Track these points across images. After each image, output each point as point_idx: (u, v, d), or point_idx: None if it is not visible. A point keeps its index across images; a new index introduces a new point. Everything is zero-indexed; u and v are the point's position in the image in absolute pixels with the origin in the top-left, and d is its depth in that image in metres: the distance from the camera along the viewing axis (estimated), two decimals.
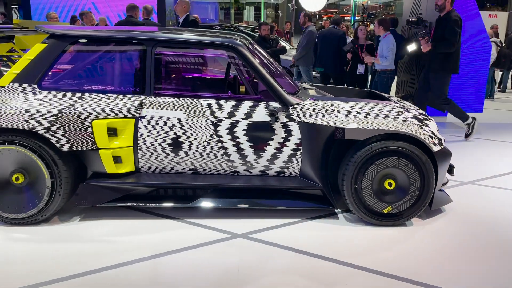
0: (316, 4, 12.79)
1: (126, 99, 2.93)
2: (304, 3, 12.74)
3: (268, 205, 3.07)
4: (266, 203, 3.07)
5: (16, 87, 2.91)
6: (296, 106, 2.99)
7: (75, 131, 2.81)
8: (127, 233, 2.83)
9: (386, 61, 5.77)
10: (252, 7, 28.74)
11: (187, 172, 3.06)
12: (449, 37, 5.07)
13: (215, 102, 2.98)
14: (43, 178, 2.80)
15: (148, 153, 2.97)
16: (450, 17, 5.12)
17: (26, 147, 2.75)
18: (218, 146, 2.97)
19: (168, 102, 2.95)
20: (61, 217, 2.99)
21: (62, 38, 2.95)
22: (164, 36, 3.02)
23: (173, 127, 2.94)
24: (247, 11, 29.02)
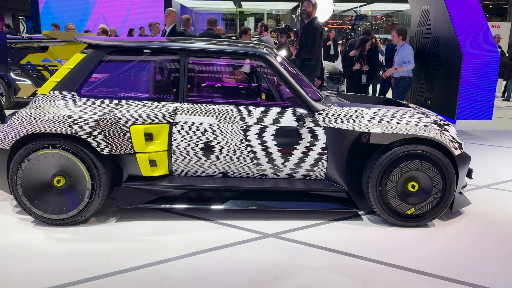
0: (322, 15, 13.03)
1: (161, 106, 3.09)
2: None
3: (295, 207, 3.20)
4: (293, 205, 3.20)
5: (57, 94, 3.08)
6: (322, 112, 3.15)
7: (114, 136, 2.96)
8: (163, 233, 2.96)
9: (410, 66, 6.02)
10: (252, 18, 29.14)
11: (217, 175, 3.20)
12: (309, 44, 5.32)
13: (245, 108, 3.14)
14: (83, 181, 2.95)
15: (181, 157, 3.12)
16: (312, 25, 5.42)
17: (68, 151, 2.91)
18: (248, 150, 3.12)
19: (200, 109, 3.11)
20: (98, 218, 3.13)
21: (101, 48, 3.13)
22: (197, 46, 3.19)
23: (205, 132, 3.09)
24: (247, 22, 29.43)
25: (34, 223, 3.03)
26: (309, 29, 5.45)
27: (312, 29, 5.37)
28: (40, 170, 2.93)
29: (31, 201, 2.95)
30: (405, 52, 6.07)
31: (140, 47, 3.21)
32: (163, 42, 3.24)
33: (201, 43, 3.27)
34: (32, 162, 2.91)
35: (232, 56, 3.27)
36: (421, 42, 7.28)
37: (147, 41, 3.30)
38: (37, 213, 2.96)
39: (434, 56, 6.72)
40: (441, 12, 6.59)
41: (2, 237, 2.84)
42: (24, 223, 3.04)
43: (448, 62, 6.33)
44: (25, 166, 2.90)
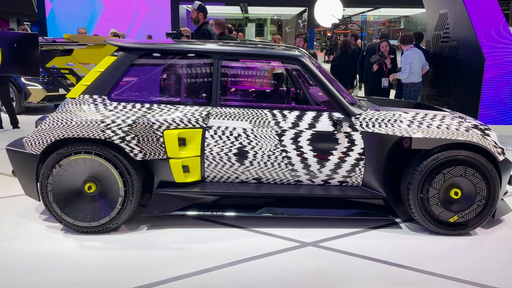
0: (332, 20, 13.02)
1: (194, 110, 3.01)
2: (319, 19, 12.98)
3: (330, 214, 3.10)
4: (329, 212, 3.11)
5: (87, 98, 3.00)
6: (359, 116, 3.06)
7: (148, 141, 2.88)
8: (197, 241, 2.87)
9: (402, 75, 6.01)
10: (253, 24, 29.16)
11: (251, 181, 3.11)
12: None
13: (279, 113, 3.05)
14: (116, 187, 2.86)
15: (214, 163, 3.03)
16: (199, 30, 5.44)
17: (101, 157, 2.82)
18: (282, 155, 3.03)
19: (234, 113, 3.02)
20: (129, 226, 3.04)
21: (132, 51, 3.06)
22: (231, 49, 3.11)
23: (238, 137, 3.01)
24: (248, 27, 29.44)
25: (63, 231, 2.94)
26: (197, 35, 5.48)
27: (200, 35, 5.40)
28: (71, 176, 2.84)
29: (62, 208, 2.86)
30: (403, 60, 6.06)
31: (173, 49, 3.13)
32: (196, 45, 3.17)
33: (235, 45, 3.19)
34: (64, 168, 2.82)
35: (266, 59, 3.20)
36: (438, 47, 7.21)
37: (180, 43, 3.22)
38: (67, 220, 2.87)
39: (453, 61, 6.64)
40: (460, 16, 6.52)
41: (32, 246, 2.75)
42: (53, 230, 2.95)
43: (469, 67, 6.25)
44: (56, 172, 2.82)
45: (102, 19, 15.68)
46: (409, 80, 6.05)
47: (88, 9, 15.91)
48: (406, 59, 5.92)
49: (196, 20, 5.43)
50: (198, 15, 5.40)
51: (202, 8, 5.45)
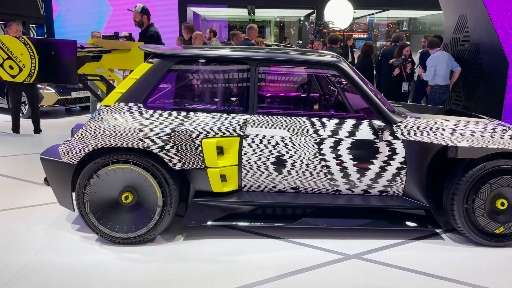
0: (343, 22, 12.95)
1: (231, 118, 2.95)
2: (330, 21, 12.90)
3: (370, 225, 3.03)
4: (368, 223, 3.03)
5: (122, 106, 2.94)
6: (400, 124, 2.99)
7: (187, 150, 2.81)
8: (237, 253, 2.80)
9: (426, 77, 6.04)
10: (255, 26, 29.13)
11: (288, 191, 3.04)
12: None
13: (318, 120, 2.99)
14: (154, 197, 2.80)
15: (252, 172, 2.96)
16: (146, 33, 5.46)
17: (139, 166, 2.76)
18: (321, 164, 2.96)
19: (272, 121, 2.96)
20: (164, 237, 2.97)
21: (168, 57, 3.00)
22: (268, 55, 3.05)
23: (276, 145, 2.94)
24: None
25: (99, 242, 2.87)
26: (143, 37, 5.48)
27: (148, 38, 5.41)
28: (108, 186, 2.78)
29: (99, 219, 2.79)
30: (428, 62, 6.11)
31: (209, 56, 3.07)
32: (233, 51, 3.10)
33: (272, 52, 3.13)
34: (101, 178, 2.76)
35: (304, 65, 3.13)
36: (457, 50, 7.13)
37: (216, 50, 3.16)
38: (104, 231, 2.81)
39: (474, 64, 6.56)
40: (481, 18, 6.45)
41: (70, 258, 2.68)
42: (88, 241, 2.88)
43: (491, 71, 6.17)
44: (93, 182, 2.75)
45: (111, 21, 15.65)
46: (435, 82, 6.06)
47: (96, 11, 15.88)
48: (432, 62, 5.96)
49: (141, 23, 5.49)
50: (142, 18, 5.46)
51: (145, 11, 5.52)
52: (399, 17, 18.91)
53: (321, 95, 3.52)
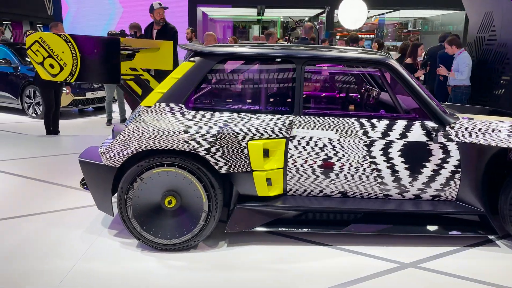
0: (355, 22, 12.81)
1: (276, 119, 2.82)
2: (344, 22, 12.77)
3: (423, 232, 2.88)
4: (420, 229, 2.89)
5: (163, 106, 2.82)
6: (454, 126, 2.85)
7: (233, 153, 2.69)
8: (286, 261, 2.66)
9: (462, 76, 5.88)
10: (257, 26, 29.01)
11: (335, 195, 2.91)
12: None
13: (367, 121, 2.86)
14: (199, 202, 2.67)
15: (298, 175, 2.84)
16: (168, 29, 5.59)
17: (184, 169, 2.64)
18: (371, 168, 2.83)
19: (319, 122, 2.83)
20: (207, 242, 2.84)
21: (210, 56, 2.87)
22: (314, 53, 2.92)
23: (324, 147, 2.81)
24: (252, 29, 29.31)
25: (140, 248, 2.75)
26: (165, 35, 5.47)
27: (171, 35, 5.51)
28: (151, 190, 2.66)
29: (141, 224, 2.67)
30: (462, 62, 5.95)
31: (254, 54, 2.94)
32: (277, 50, 2.98)
33: (319, 50, 3.00)
34: (145, 182, 2.64)
35: (352, 64, 3.00)
36: (482, 50, 6.97)
37: (261, 48, 3.04)
38: (147, 237, 2.69)
39: (501, 64, 6.39)
40: (509, 17, 6.29)
41: (113, 266, 2.56)
42: (129, 248, 2.76)
43: None
44: (136, 186, 2.63)
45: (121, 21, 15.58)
46: (463, 82, 5.93)
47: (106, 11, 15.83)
48: (466, 61, 5.83)
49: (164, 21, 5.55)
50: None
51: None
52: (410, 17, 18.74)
53: (368, 94, 3.39)
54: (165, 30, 5.64)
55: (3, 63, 8.28)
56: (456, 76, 5.94)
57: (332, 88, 3.65)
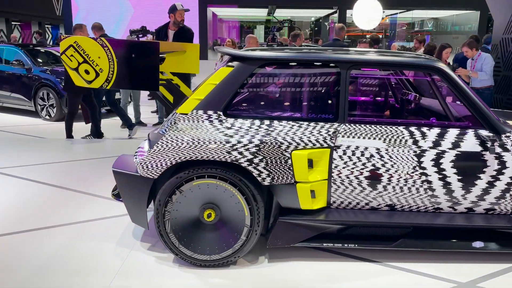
0: (370, 22, 12.61)
1: (319, 127, 2.66)
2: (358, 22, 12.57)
3: (477, 248, 2.71)
4: (473, 245, 2.72)
5: (201, 114, 2.66)
6: (510, 134, 2.68)
7: (276, 163, 2.53)
8: (334, 279, 2.50)
9: (485, 76, 5.71)
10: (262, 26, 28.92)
11: (382, 209, 2.74)
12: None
13: (417, 130, 2.69)
14: (240, 216, 2.52)
15: (343, 187, 2.67)
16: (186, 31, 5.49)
17: (226, 181, 2.49)
18: (422, 179, 2.65)
19: (365, 130, 2.66)
20: (247, 258, 2.68)
21: (250, 61, 2.72)
22: (361, 57, 2.75)
23: (371, 158, 2.65)
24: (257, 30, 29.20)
25: (177, 264, 2.60)
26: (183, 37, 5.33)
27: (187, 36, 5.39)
28: (191, 203, 2.51)
29: (180, 239, 2.52)
30: (486, 62, 5.78)
31: (296, 58, 2.79)
32: (321, 53, 2.82)
33: (365, 53, 2.84)
34: (184, 194, 2.49)
35: (400, 68, 2.83)
36: (508, 51, 6.76)
37: (303, 52, 2.88)
38: (185, 253, 2.53)
39: None
40: None
41: (150, 283, 2.41)
42: (166, 263, 2.61)
43: None
44: (176, 199, 2.48)
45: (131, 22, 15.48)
46: (488, 83, 5.76)
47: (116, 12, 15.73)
48: (490, 61, 5.67)
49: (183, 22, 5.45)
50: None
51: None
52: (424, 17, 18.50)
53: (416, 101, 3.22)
54: (182, 32, 5.47)
55: (16, 64, 8.17)
56: (479, 76, 5.75)
57: (377, 93, 3.47)
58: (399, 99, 3.40)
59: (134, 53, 2.46)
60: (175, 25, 5.50)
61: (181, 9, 5.26)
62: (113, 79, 2.53)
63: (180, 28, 5.49)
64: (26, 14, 23.37)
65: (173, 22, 5.50)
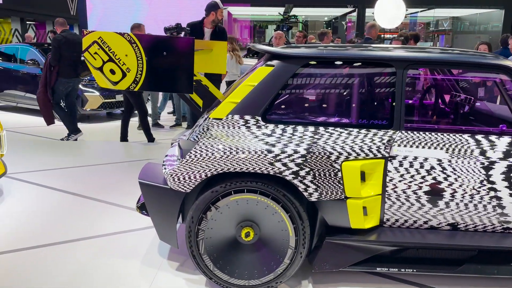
0: (392, 21, 12.19)
1: (371, 135, 2.33)
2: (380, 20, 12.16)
3: None
4: None
5: (237, 119, 2.37)
6: None
7: (325, 176, 2.21)
8: None
9: None
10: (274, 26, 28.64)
11: (443, 228, 2.41)
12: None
13: (485, 139, 2.35)
14: (284, 236, 2.21)
15: (398, 203, 2.35)
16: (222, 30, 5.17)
17: (267, 196, 2.19)
18: (490, 195, 2.31)
19: (424, 138, 2.33)
20: (288, 282, 2.36)
21: (293, 59, 2.40)
22: (419, 55, 2.42)
23: (431, 170, 2.31)
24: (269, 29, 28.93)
25: (208, 287, 2.32)
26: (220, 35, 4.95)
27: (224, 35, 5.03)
28: (227, 220, 2.21)
29: (215, 261, 2.23)
30: None
31: (344, 57, 2.47)
32: (374, 51, 2.49)
33: (424, 51, 2.50)
34: (220, 211, 2.20)
35: (465, 68, 2.50)
36: None
37: (353, 49, 2.57)
38: (221, 277, 2.24)
39: None
40: None
41: None
42: (198, 286, 2.32)
43: None
44: (211, 216, 2.19)
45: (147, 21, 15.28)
46: None
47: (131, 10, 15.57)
48: None
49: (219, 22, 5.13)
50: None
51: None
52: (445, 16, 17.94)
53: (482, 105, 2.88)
54: (220, 32, 5.06)
55: (31, 64, 8.01)
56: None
57: (437, 96, 3.12)
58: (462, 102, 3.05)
59: (166, 51, 2.18)
60: (213, 23, 5.06)
61: (222, 7, 4.91)
62: (141, 80, 2.23)
63: (216, 27, 5.09)
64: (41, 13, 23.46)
65: (213, 20, 5.06)
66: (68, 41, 5.62)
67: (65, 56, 5.59)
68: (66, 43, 5.60)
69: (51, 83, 5.64)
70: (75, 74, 5.79)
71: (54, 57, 5.54)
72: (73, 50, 5.66)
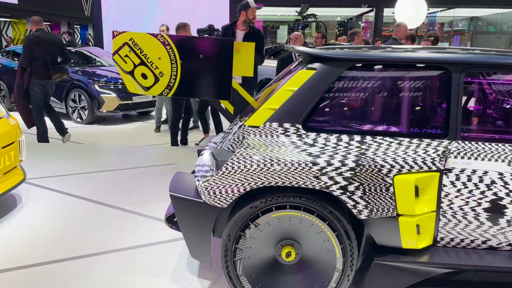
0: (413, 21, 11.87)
1: (424, 145, 2.12)
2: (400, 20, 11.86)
3: None
4: None
5: (275, 127, 2.17)
6: None
7: (375, 192, 2.01)
8: None
9: None
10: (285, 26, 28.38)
11: (503, 248, 2.18)
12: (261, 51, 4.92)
13: None
14: (330, 257, 2.01)
15: (454, 221, 2.12)
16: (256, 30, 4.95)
17: (312, 213, 1.99)
18: None
19: (484, 149, 2.10)
20: None
21: (338, 62, 2.20)
22: (479, 58, 2.19)
23: (491, 184, 2.08)
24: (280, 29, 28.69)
25: None
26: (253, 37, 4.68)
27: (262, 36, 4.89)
28: (267, 239, 2.02)
29: (253, 283, 2.03)
30: None
31: (395, 59, 2.25)
32: (425, 53, 2.27)
33: (484, 53, 2.28)
34: (260, 228, 2.00)
35: None
36: None
37: (403, 51, 2.35)
38: None
39: None
40: None
41: None
42: None
43: None
44: (249, 234, 2.00)
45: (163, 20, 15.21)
46: None
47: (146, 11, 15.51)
48: None
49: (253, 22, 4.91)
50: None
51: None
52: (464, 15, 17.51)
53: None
54: (253, 34, 4.78)
55: None
56: None
57: (497, 103, 2.88)
58: None
59: (203, 53, 1.99)
60: (245, 24, 4.77)
61: (254, 6, 4.64)
62: (175, 86, 2.05)
63: (250, 29, 4.82)
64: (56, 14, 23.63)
65: (244, 20, 4.76)
66: (41, 41, 5.31)
67: (38, 56, 5.27)
68: (39, 43, 5.28)
69: (24, 85, 5.34)
70: (48, 75, 5.45)
71: (25, 57, 5.24)
72: (47, 50, 5.36)
